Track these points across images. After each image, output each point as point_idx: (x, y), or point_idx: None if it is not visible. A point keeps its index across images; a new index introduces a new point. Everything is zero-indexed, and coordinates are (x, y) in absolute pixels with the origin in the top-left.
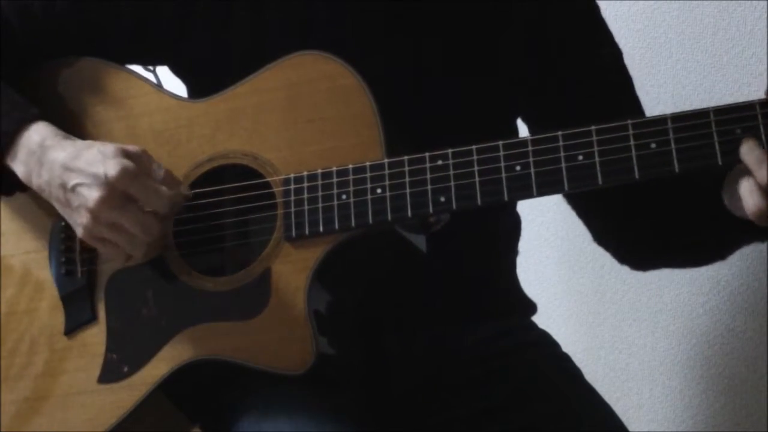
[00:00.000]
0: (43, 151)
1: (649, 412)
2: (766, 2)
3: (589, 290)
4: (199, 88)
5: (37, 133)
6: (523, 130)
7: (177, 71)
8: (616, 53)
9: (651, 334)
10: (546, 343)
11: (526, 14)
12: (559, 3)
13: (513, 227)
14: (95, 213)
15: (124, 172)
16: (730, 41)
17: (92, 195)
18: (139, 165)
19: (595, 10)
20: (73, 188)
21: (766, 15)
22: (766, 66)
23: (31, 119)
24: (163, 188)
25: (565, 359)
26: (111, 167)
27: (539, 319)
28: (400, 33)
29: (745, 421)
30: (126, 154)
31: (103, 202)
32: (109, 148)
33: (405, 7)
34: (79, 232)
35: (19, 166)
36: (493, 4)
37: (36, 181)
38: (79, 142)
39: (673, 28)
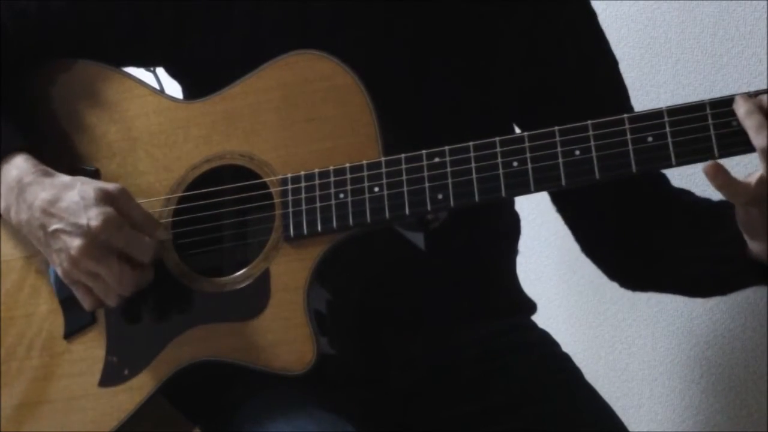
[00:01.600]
0: (22, 189)
1: (649, 412)
2: (766, 2)
3: (589, 290)
4: (196, 89)
5: (16, 168)
6: None
7: (174, 72)
8: (612, 63)
9: (651, 334)
10: (546, 342)
11: (522, 21)
12: (554, 12)
13: (512, 226)
14: (75, 260)
15: (105, 223)
16: (730, 41)
17: (73, 243)
18: (118, 208)
19: (593, 18)
20: (53, 233)
21: (766, 15)
22: (766, 66)
23: (11, 152)
24: (145, 238)
25: (565, 359)
26: (93, 217)
27: (539, 319)
28: (398, 33)
29: (745, 421)
30: (106, 197)
31: (83, 251)
32: (89, 192)
33: (403, 7)
34: (59, 272)
35: None
36: (491, 7)
37: (15, 218)
38: (58, 180)
39: (673, 28)
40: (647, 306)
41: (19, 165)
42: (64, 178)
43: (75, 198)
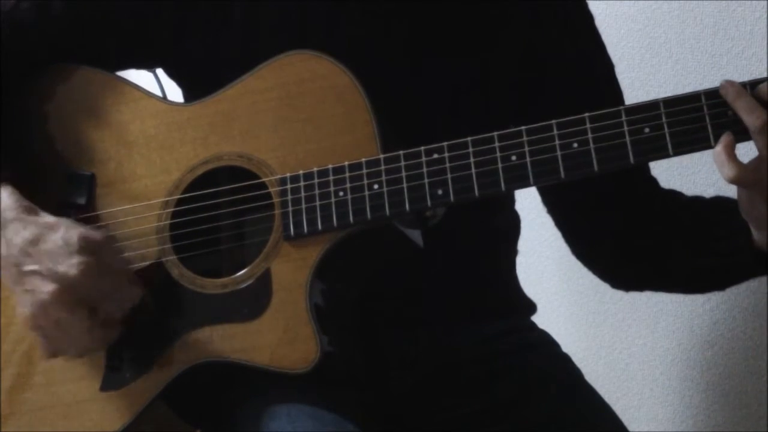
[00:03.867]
0: (4, 225)
1: (649, 412)
2: (766, 2)
3: (589, 290)
4: (195, 90)
5: None
6: None
7: (172, 73)
8: (608, 65)
9: (651, 334)
10: (546, 343)
11: (521, 21)
12: (553, 12)
13: (512, 226)
14: (45, 305)
15: (83, 275)
16: (730, 41)
17: (46, 288)
18: (101, 258)
19: (591, 19)
20: (28, 273)
21: (766, 15)
22: (766, 66)
23: None
24: (119, 294)
25: (565, 359)
26: (72, 266)
27: (539, 319)
28: (396, 32)
29: (745, 421)
30: (90, 246)
31: (55, 299)
32: (73, 237)
33: (401, 6)
34: (23, 313)
35: None
36: (489, 6)
37: None
38: (42, 220)
39: (673, 28)
40: (647, 306)
41: (3, 199)
42: (49, 218)
43: (58, 242)
